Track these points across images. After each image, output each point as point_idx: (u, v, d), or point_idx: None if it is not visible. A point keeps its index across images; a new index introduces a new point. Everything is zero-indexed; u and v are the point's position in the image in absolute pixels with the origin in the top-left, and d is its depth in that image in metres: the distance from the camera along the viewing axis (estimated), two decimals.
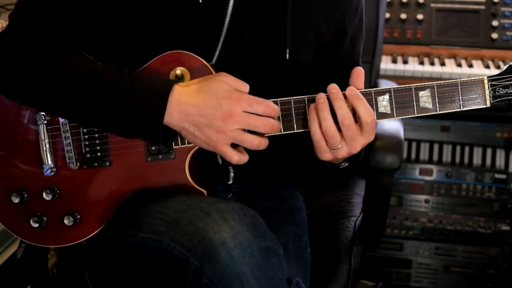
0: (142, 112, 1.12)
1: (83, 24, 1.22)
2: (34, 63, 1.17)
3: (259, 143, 1.14)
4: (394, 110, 1.16)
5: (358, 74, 1.17)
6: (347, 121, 1.12)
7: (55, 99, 1.17)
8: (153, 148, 1.21)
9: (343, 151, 1.15)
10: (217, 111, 1.11)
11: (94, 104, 1.14)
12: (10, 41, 1.19)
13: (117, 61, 1.20)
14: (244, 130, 1.13)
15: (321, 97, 1.14)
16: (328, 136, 1.13)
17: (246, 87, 1.14)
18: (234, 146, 1.15)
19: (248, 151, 1.17)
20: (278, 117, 1.16)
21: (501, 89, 1.15)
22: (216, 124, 1.11)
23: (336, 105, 1.12)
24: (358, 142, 1.14)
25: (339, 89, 1.13)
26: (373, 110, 1.15)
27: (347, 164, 1.26)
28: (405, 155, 2.41)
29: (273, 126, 1.14)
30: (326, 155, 1.16)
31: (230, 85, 1.12)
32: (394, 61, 2.27)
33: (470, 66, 2.20)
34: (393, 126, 1.51)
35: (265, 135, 1.15)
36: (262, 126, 1.13)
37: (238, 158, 1.15)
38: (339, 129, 1.13)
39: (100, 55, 1.23)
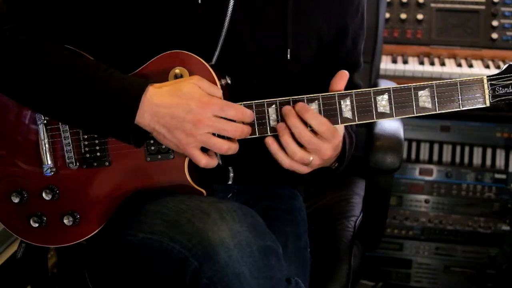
0: (114, 111, 1.13)
1: (80, 22, 1.22)
2: (11, 53, 1.16)
3: (228, 148, 1.14)
4: (393, 110, 1.16)
5: (342, 76, 1.18)
6: (305, 138, 1.13)
7: (29, 92, 1.17)
8: (153, 148, 1.21)
9: (316, 162, 1.16)
10: (187, 113, 1.11)
11: (68, 100, 1.14)
12: None
13: (117, 60, 1.20)
14: (214, 134, 1.13)
15: (280, 125, 1.15)
16: (297, 159, 1.15)
17: (218, 91, 1.15)
18: (205, 150, 1.15)
19: (247, 151, 1.17)
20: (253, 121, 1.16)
21: (500, 88, 1.15)
22: (186, 126, 1.12)
23: (291, 125, 1.14)
24: (325, 149, 1.15)
25: (291, 108, 1.14)
26: (372, 110, 1.16)
27: (337, 164, 1.27)
28: (405, 155, 2.41)
29: (243, 131, 1.15)
30: (304, 170, 1.17)
31: (202, 89, 1.13)
32: (394, 61, 2.27)
33: (470, 66, 2.20)
34: (393, 126, 1.51)
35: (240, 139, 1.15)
36: (232, 131, 1.13)
37: (206, 162, 1.15)
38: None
39: (99, 55, 1.23)
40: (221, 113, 1.13)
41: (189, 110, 1.11)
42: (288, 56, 1.27)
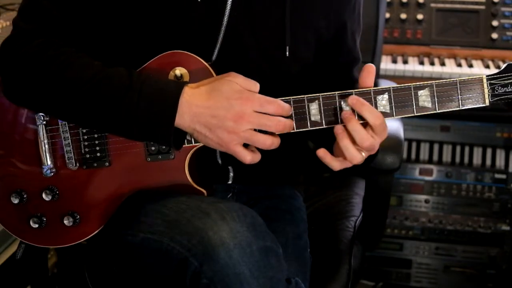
0: (153, 115, 1.12)
1: (85, 25, 1.22)
2: (42, 68, 1.16)
3: (272, 143, 1.13)
4: (394, 109, 1.16)
5: (370, 71, 1.16)
6: (366, 142, 1.12)
7: (64, 104, 1.16)
8: (153, 148, 1.21)
9: (364, 157, 1.16)
10: (228, 111, 1.11)
11: (105, 109, 1.14)
12: (17, 47, 1.18)
13: (117, 60, 1.20)
14: (256, 130, 1.13)
15: (338, 128, 1.13)
16: (354, 161, 1.14)
17: (256, 86, 1.14)
18: (246, 145, 1.15)
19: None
20: (291, 116, 1.16)
21: (500, 88, 1.15)
22: (228, 124, 1.11)
23: (351, 129, 1.12)
24: (377, 144, 1.15)
25: (351, 112, 1.13)
26: None
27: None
28: (405, 155, 2.41)
29: (285, 125, 1.14)
30: (357, 160, 1.15)
31: (240, 85, 1.12)
32: (394, 61, 2.27)
33: (470, 66, 2.20)
34: (393, 126, 1.51)
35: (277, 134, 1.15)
36: (274, 126, 1.13)
37: (250, 158, 1.14)
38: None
39: (99, 55, 1.23)
40: (261, 109, 1.12)
41: (229, 108, 1.10)
42: (287, 53, 1.27)
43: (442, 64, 2.22)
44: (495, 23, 2.28)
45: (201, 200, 1.16)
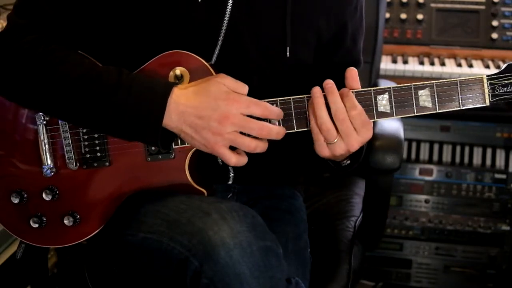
0: (141, 115, 1.12)
1: (82, 24, 1.22)
2: (33, 64, 1.16)
3: (256, 146, 1.13)
4: (394, 109, 1.16)
5: (352, 75, 1.16)
6: (341, 115, 1.12)
7: (54, 100, 1.17)
8: (153, 148, 1.21)
9: (340, 148, 1.15)
10: (214, 112, 1.11)
11: (93, 106, 1.14)
12: (9, 42, 1.19)
13: (116, 60, 1.20)
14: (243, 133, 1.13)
15: (316, 91, 1.14)
16: (323, 130, 1.13)
17: (245, 88, 1.14)
18: (234, 148, 1.15)
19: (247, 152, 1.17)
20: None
21: (500, 88, 1.15)
22: (213, 125, 1.11)
23: (331, 100, 1.13)
24: (354, 139, 1.14)
25: (334, 84, 1.14)
26: (373, 109, 1.16)
27: (349, 162, 1.26)
28: (405, 155, 2.41)
29: (270, 131, 1.13)
30: (323, 150, 1.16)
31: (228, 86, 1.12)
32: (394, 61, 2.27)
33: (470, 66, 2.20)
34: (393, 126, 1.51)
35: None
36: (257, 130, 1.13)
37: (235, 160, 1.15)
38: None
39: (99, 55, 1.23)
40: (247, 111, 1.12)
41: (215, 109, 1.11)
42: (288, 54, 1.27)
43: (442, 64, 2.22)
44: (495, 23, 2.28)
45: (201, 200, 1.16)
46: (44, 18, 1.19)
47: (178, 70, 1.18)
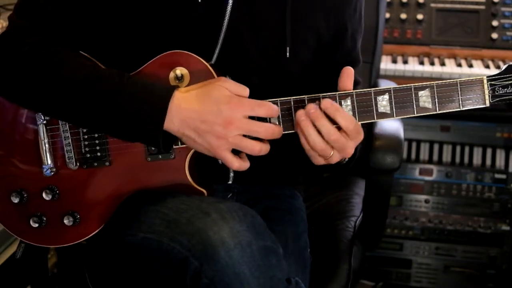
0: (142, 118, 1.12)
1: (82, 25, 1.22)
2: (34, 66, 1.16)
3: (260, 149, 1.13)
4: (394, 110, 1.16)
5: (349, 74, 1.16)
6: (333, 136, 1.12)
7: (55, 103, 1.17)
8: (153, 148, 1.21)
9: (336, 158, 1.15)
10: (217, 117, 1.11)
11: (94, 109, 1.14)
12: (10, 43, 1.19)
13: (117, 60, 1.20)
14: (245, 136, 1.13)
15: (300, 115, 1.12)
16: (318, 150, 1.13)
17: (246, 91, 1.14)
18: (236, 152, 1.15)
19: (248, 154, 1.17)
20: (278, 118, 1.16)
21: (500, 88, 1.15)
22: (217, 129, 1.11)
23: (318, 125, 1.11)
24: (349, 146, 1.14)
25: (317, 108, 1.12)
26: (373, 110, 1.16)
27: (346, 160, 1.26)
28: (405, 155, 2.41)
29: (274, 131, 1.14)
30: (319, 161, 1.16)
31: (229, 90, 1.12)
32: (394, 61, 2.27)
33: (470, 66, 2.20)
34: (393, 126, 1.51)
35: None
36: (263, 132, 1.13)
37: (238, 164, 1.15)
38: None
39: (99, 55, 1.23)
40: (252, 113, 1.12)
41: (218, 113, 1.10)
42: (287, 54, 1.27)
43: (442, 64, 2.22)
44: (495, 23, 2.28)
45: (201, 200, 1.17)
46: (45, 20, 1.19)
47: (178, 70, 1.18)
